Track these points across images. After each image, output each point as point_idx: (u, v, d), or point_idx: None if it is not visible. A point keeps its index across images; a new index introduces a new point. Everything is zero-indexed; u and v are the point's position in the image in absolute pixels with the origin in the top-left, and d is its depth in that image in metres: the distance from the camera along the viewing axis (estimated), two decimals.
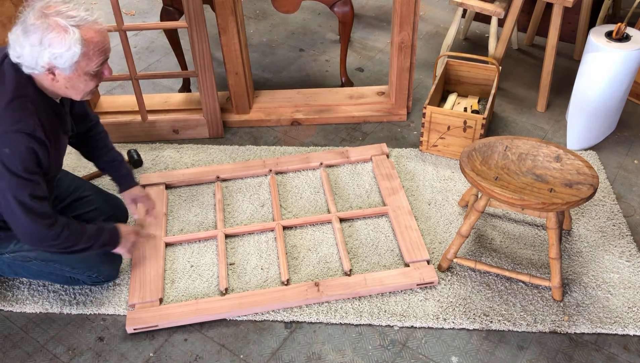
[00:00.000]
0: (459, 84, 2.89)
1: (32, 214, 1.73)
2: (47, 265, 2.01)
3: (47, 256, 1.99)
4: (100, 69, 1.74)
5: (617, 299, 2.06)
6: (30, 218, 1.73)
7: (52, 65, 1.65)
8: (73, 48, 1.62)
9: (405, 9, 2.56)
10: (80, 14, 1.64)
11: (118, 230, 2.06)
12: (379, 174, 2.53)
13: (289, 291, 2.08)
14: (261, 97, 2.98)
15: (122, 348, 1.99)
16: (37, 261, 2.00)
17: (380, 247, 2.27)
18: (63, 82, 1.71)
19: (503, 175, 1.97)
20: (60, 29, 1.61)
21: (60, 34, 1.60)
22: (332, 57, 3.40)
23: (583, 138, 2.67)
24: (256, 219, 2.40)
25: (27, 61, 1.64)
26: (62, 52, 1.62)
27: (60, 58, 1.63)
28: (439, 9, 3.83)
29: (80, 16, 1.64)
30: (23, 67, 1.67)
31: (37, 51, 1.61)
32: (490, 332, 1.99)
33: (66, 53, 1.62)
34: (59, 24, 1.61)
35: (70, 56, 1.63)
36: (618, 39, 2.45)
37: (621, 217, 2.35)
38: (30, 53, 1.62)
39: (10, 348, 2.00)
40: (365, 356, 1.94)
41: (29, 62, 1.64)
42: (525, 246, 2.26)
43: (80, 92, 1.77)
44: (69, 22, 1.61)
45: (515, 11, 2.83)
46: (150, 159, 2.70)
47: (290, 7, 2.81)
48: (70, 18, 1.62)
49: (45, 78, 1.70)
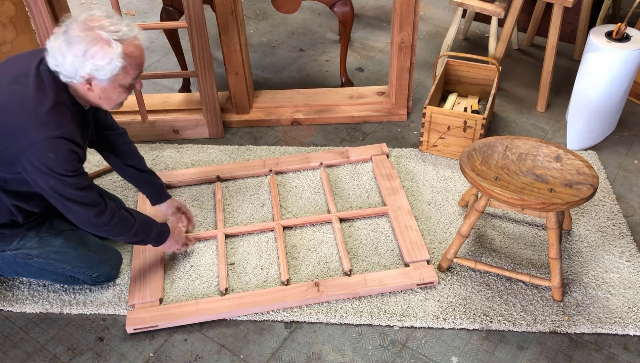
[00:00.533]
0: (459, 84, 2.89)
1: (81, 205, 1.79)
2: (48, 263, 2.02)
3: (48, 254, 2.00)
4: (133, 82, 1.81)
5: (617, 299, 2.06)
6: (80, 207, 1.80)
7: (92, 76, 1.70)
8: (115, 61, 1.68)
9: (405, 9, 2.56)
10: (123, 29, 1.70)
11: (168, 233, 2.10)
12: (379, 174, 2.53)
13: (289, 291, 2.08)
14: (261, 97, 2.98)
15: (122, 348, 1.99)
16: (39, 259, 2.01)
17: (380, 247, 2.27)
18: (98, 92, 1.77)
19: (503, 175, 1.97)
20: (104, 42, 1.66)
21: (103, 48, 1.66)
22: (332, 57, 3.40)
23: (583, 138, 2.67)
24: (256, 219, 2.40)
25: (67, 70, 1.69)
26: (104, 64, 1.67)
27: (101, 70, 1.68)
28: (439, 9, 3.83)
29: (123, 31, 1.70)
30: (61, 76, 1.71)
31: (80, 62, 1.66)
32: (490, 332, 1.99)
33: (107, 66, 1.68)
34: (103, 38, 1.66)
35: (110, 69, 1.69)
36: (618, 39, 2.45)
37: (621, 217, 2.35)
38: (72, 63, 1.67)
39: (10, 348, 2.00)
40: (365, 356, 1.94)
41: (68, 72, 1.69)
42: (525, 246, 2.26)
43: (112, 102, 1.83)
44: (112, 36, 1.67)
45: (515, 11, 2.83)
46: (150, 159, 2.70)
47: (290, 7, 2.81)
48: (113, 32, 1.68)
49: (82, 87, 1.75)
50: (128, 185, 2.56)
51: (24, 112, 1.69)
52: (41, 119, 1.69)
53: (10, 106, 1.70)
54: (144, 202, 2.42)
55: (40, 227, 1.99)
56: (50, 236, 2.01)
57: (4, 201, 1.85)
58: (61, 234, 2.03)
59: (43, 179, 1.72)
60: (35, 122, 1.68)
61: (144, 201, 2.43)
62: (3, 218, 1.89)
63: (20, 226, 1.94)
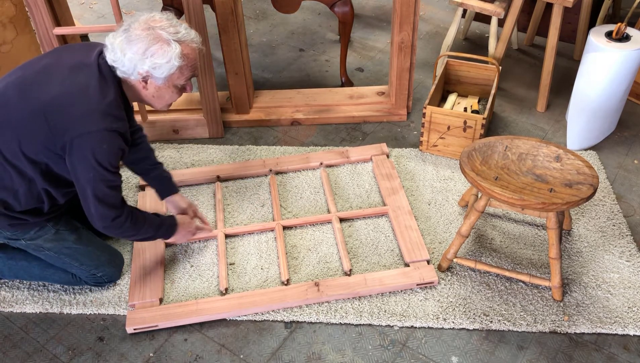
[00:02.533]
0: (459, 84, 2.89)
1: (103, 204, 1.81)
2: (57, 257, 2.03)
3: (61, 249, 2.01)
4: (185, 83, 1.86)
5: (617, 299, 2.06)
6: (101, 206, 1.81)
7: (150, 74, 1.76)
8: (173, 61, 1.74)
9: (405, 9, 2.56)
10: (182, 31, 1.77)
11: (176, 225, 2.11)
12: (379, 174, 2.53)
13: (289, 291, 2.08)
14: (261, 97, 2.98)
15: (122, 348, 1.99)
16: (50, 252, 2.02)
17: (380, 247, 2.27)
18: (152, 90, 1.83)
19: (503, 175, 1.97)
20: (164, 42, 1.73)
21: (163, 47, 1.72)
22: (332, 57, 3.40)
23: (583, 138, 2.67)
24: (256, 219, 2.40)
25: (125, 66, 1.74)
26: (163, 63, 1.73)
27: (159, 69, 1.74)
28: (439, 9, 3.83)
29: (182, 33, 1.77)
30: (118, 71, 1.77)
31: (139, 60, 1.72)
32: (490, 332, 1.99)
33: (166, 65, 1.74)
34: (163, 37, 1.73)
35: (168, 68, 1.75)
36: (618, 39, 2.45)
37: (621, 217, 2.35)
38: (131, 60, 1.72)
39: (10, 348, 2.00)
40: (365, 356, 1.94)
41: (126, 68, 1.75)
42: (525, 246, 2.26)
43: (164, 102, 1.89)
44: (172, 36, 1.74)
45: (515, 11, 2.83)
46: None
47: (290, 7, 2.81)
48: (173, 33, 1.75)
49: (138, 84, 1.81)
50: (128, 185, 2.56)
51: (87, 100, 1.72)
52: (103, 110, 1.72)
53: (74, 92, 1.73)
54: (144, 202, 2.42)
55: (59, 220, 2.00)
56: (66, 231, 2.02)
57: (37, 184, 1.85)
58: (76, 230, 2.05)
59: (86, 168, 1.74)
60: (97, 111, 1.72)
61: (143, 200, 2.43)
62: (30, 203, 1.88)
63: (43, 215, 1.93)
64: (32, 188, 1.85)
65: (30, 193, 1.85)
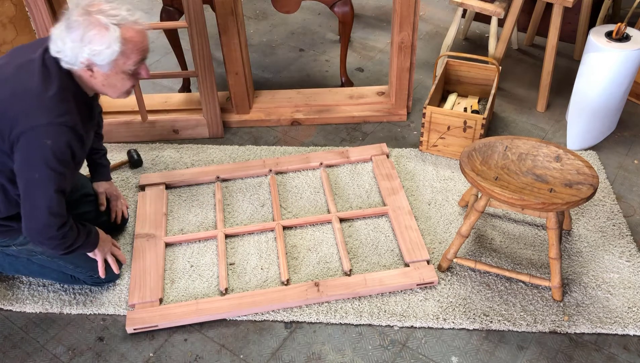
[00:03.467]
0: (459, 84, 2.89)
1: (49, 212, 1.74)
2: (51, 261, 2.02)
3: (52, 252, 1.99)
4: (137, 68, 1.78)
5: (617, 299, 2.06)
6: (47, 214, 1.75)
7: (91, 62, 1.69)
8: (113, 46, 1.66)
9: (405, 9, 2.56)
10: (122, 14, 1.69)
11: (98, 232, 2.04)
12: (379, 174, 2.53)
13: (289, 291, 2.08)
14: (261, 97, 2.98)
15: (122, 348, 1.99)
16: (43, 256, 2.01)
17: (380, 247, 2.27)
18: (101, 79, 1.76)
19: (503, 175, 1.97)
20: (102, 27, 1.65)
21: (101, 32, 1.65)
22: (332, 57, 3.40)
23: (583, 138, 2.67)
24: (256, 219, 2.40)
25: (68, 56, 1.68)
26: (102, 49, 1.66)
27: (99, 55, 1.67)
28: (439, 9, 3.83)
29: (122, 15, 1.68)
30: (62, 62, 1.71)
31: (78, 47, 1.66)
32: (490, 332, 1.99)
33: (105, 51, 1.66)
34: (101, 22, 1.65)
35: (109, 54, 1.67)
36: (618, 39, 2.45)
37: (621, 217, 2.35)
38: (72, 49, 1.66)
39: (10, 348, 2.00)
40: (365, 356, 1.94)
41: (69, 58, 1.69)
42: (525, 246, 2.26)
43: (117, 90, 1.82)
44: (110, 20, 1.66)
45: (515, 11, 2.83)
46: (150, 159, 2.70)
47: (290, 7, 2.81)
48: (112, 17, 1.67)
49: (84, 74, 1.75)
50: (128, 185, 2.56)
51: (29, 97, 1.68)
52: (45, 104, 1.68)
53: (17, 92, 1.69)
54: (144, 202, 2.42)
55: None
56: None
57: (9, 190, 1.82)
58: None
59: (29, 168, 1.68)
60: (39, 106, 1.67)
61: (143, 200, 2.43)
62: (11, 209, 1.87)
63: None
64: (7, 195, 1.83)
65: (7, 199, 1.84)
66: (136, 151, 2.68)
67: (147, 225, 2.33)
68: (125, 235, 2.35)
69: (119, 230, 2.35)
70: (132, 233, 2.35)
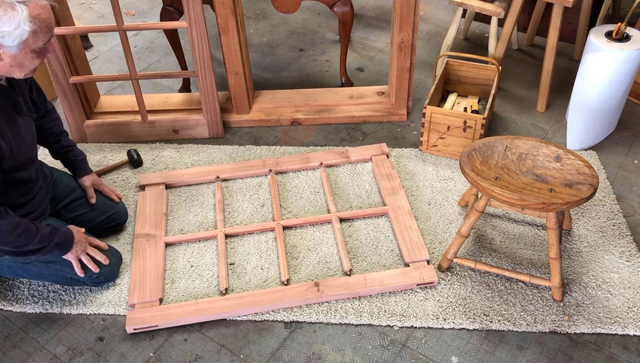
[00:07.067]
0: (459, 84, 2.89)
1: None
2: (47, 266, 2.01)
3: (48, 257, 1.98)
4: (45, 46, 1.69)
5: (617, 299, 2.06)
6: None
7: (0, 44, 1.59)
8: (22, 26, 1.57)
9: (405, 9, 2.56)
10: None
11: (72, 233, 1.97)
12: (379, 174, 2.53)
13: (289, 291, 2.08)
14: (261, 97, 2.98)
15: (122, 348, 1.99)
16: (38, 262, 1.99)
17: (380, 247, 2.27)
18: (8, 60, 1.65)
19: (503, 175, 1.97)
20: (7, 6, 1.54)
21: (8, 12, 1.55)
22: (332, 57, 3.40)
23: (583, 138, 2.67)
24: (256, 219, 2.40)
25: None
26: (11, 30, 1.56)
27: (8, 37, 1.58)
28: (439, 9, 3.83)
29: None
30: None
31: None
32: (490, 332, 1.99)
33: (15, 31, 1.57)
34: (5, 1, 1.54)
35: (19, 34, 1.58)
36: (618, 39, 2.45)
37: (621, 217, 2.35)
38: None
39: (10, 348, 2.00)
40: (365, 356, 1.94)
41: None
42: (525, 246, 2.26)
43: (25, 69, 1.70)
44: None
45: (515, 11, 2.83)
46: (150, 159, 2.70)
47: (290, 7, 2.81)
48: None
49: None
50: (128, 185, 2.56)
51: None
52: None
53: None
54: (144, 202, 2.42)
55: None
56: None
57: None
58: None
59: None
60: None
61: (143, 200, 2.43)
62: None
63: None
64: None
65: None
66: (136, 151, 2.68)
67: (147, 225, 2.33)
68: (125, 235, 2.35)
69: (119, 230, 2.36)
70: (132, 233, 2.35)
